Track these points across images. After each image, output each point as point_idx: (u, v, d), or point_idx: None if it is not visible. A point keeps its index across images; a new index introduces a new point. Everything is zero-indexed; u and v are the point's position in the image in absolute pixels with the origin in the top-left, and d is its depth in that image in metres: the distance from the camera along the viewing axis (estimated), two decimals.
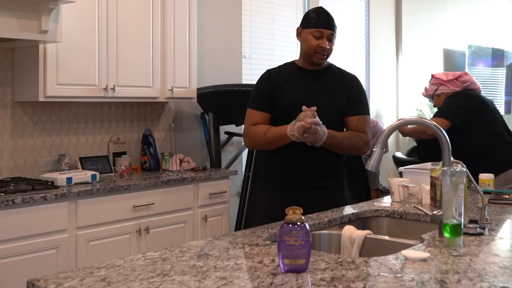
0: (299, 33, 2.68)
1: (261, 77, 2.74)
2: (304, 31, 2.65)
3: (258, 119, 2.64)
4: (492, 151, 3.60)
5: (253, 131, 2.64)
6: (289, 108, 2.58)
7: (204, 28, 4.50)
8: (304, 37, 2.65)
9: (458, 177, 1.76)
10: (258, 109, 2.65)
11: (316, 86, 2.67)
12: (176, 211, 3.63)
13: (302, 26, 2.67)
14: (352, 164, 4.27)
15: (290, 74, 2.68)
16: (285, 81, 2.66)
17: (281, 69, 2.73)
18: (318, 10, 2.67)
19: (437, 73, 3.99)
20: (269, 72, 2.73)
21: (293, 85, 2.65)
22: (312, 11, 2.68)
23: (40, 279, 1.46)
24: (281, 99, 2.63)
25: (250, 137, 2.66)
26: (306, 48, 2.65)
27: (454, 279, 1.46)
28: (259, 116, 2.64)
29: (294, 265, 1.50)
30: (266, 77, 2.71)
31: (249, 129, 2.66)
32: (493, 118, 3.70)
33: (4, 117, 3.43)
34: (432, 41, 7.06)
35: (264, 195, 2.74)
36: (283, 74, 2.69)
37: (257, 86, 2.72)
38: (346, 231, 2.14)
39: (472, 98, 3.72)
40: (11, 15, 2.98)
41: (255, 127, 2.64)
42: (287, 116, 2.56)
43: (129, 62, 3.67)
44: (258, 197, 2.83)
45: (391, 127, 2.04)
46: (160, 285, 1.42)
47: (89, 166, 3.67)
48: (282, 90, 2.64)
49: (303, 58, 2.70)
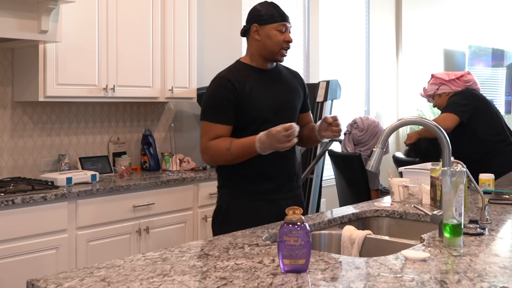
0: (255, 31, 2.44)
1: (220, 86, 2.42)
2: (265, 27, 2.43)
3: (220, 133, 2.38)
4: (496, 151, 3.59)
5: (214, 147, 2.37)
6: (260, 116, 2.41)
7: (204, 28, 4.50)
8: (267, 34, 2.43)
9: (458, 177, 1.76)
10: (220, 122, 2.37)
11: (279, 87, 2.51)
12: (176, 211, 3.63)
13: (261, 22, 2.43)
14: (352, 164, 4.28)
15: (251, 78, 2.45)
16: (249, 88, 2.41)
17: (236, 73, 2.45)
18: (272, 4, 2.49)
19: (437, 73, 3.97)
20: (228, 79, 2.42)
21: (259, 91, 2.44)
22: (266, 6, 2.48)
23: (40, 279, 1.46)
24: (250, 108, 2.40)
25: (212, 153, 2.39)
26: (271, 45, 2.43)
27: (454, 279, 1.45)
28: (221, 129, 2.38)
29: (294, 265, 1.50)
30: (227, 86, 2.40)
31: (209, 144, 2.37)
32: (496, 118, 3.69)
33: (4, 117, 3.43)
34: (432, 41, 7.06)
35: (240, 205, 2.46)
36: (244, 79, 2.43)
37: (217, 96, 2.40)
38: (346, 231, 2.14)
39: (477, 97, 3.71)
40: (11, 15, 2.97)
41: (215, 142, 2.37)
42: (259, 124, 2.38)
43: (129, 62, 3.67)
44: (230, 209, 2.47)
45: (391, 127, 2.04)
46: (160, 285, 1.42)
47: (89, 166, 3.67)
48: (249, 99, 2.40)
49: (262, 57, 2.47)
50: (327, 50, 5.75)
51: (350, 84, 6.00)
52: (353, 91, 6.09)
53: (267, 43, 2.45)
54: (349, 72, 6.05)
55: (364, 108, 6.30)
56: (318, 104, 4.51)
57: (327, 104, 4.52)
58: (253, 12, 2.49)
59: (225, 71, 2.50)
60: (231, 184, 2.48)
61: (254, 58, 2.50)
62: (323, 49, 5.69)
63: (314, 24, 5.56)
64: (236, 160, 2.39)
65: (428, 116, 6.71)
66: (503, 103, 8.23)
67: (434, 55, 7.11)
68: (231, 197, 2.47)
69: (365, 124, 4.48)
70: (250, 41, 2.51)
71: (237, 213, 2.44)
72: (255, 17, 2.46)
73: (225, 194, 2.49)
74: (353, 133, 4.50)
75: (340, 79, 4.95)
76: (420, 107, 6.76)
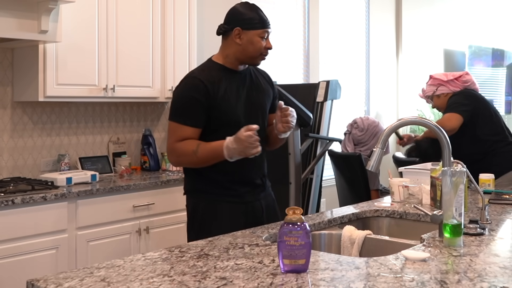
0: (237, 34, 2.36)
1: (190, 87, 2.34)
2: (248, 32, 2.36)
3: (188, 135, 2.32)
4: (495, 151, 3.58)
5: (181, 148, 2.31)
6: (232, 119, 2.36)
7: (204, 28, 4.50)
8: (250, 39, 2.36)
9: (458, 177, 1.76)
10: (189, 125, 2.31)
11: (250, 89, 2.46)
12: (176, 211, 3.62)
13: (244, 27, 2.36)
14: (352, 164, 4.28)
15: (224, 80, 2.39)
16: (223, 90, 2.36)
17: (209, 74, 2.38)
18: (255, 8, 2.41)
19: (435, 73, 3.97)
20: (200, 80, 2.33)
21: (232, 93, 2.39)
22: (249, 10, 2.40)
23: (40, 279, 1.46)
24: (223, 111, 2.35)
25: (178, 155, 2.34)
26: (252, 51, 2.37)
27: (454, 279, 1.45)
28: (189, 131, 2.31)
29: (294, 265, 1.50)
30: (199, 87, 2.32)
31: (176, 146, 2.32)
32: (495, 118, 3.69)
33: (4, 117, 3.42)
34: (432, 41, 7.06)
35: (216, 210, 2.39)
36: (216, 80, 2.36)
37: (186, 97, 2.32)
38: (346, 231, 2.14)
39: (475, 97, 3.71)
40: (11, 15, 2.97)
41: (182, 143, 2.31)
42: (230, 127, 2.31)
43: (129, 62, 3.67)
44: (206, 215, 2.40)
45: (391, 127, 2.04)
46: (160, 285, 1.42)
47: (89, 166, 3.67)
48: (222, 101, 2.35)
49: (239, 60, 2.41)
50: (327, 50, 5.75)
51: (350, 84, 6.00)
52: (353, 91, 6.09)
53: (248, 48, 2.38)
54: (349, 72, 6.05)
55: (364, 108, 6.30)
56: (318, 104, 4.51)
57: (327, 104, 4.52)
58: (235, 14, 2.41)
59: (197, 70, 2.43)
60: (203, 188, 2.41)
61: (228, 60, 2.43)
62: (323, 49, 5.70)
63: (314, 24, 5.56)
64: (203, 164, 2.34)
65: (428, 116, 6.71)
66: (503, 103, 8.23)
67: (434, 55, 7.11)
68: (205, 202, 2.40)
69: (365, 124, 4.48)
70: (228, 43, 2.42)
71: (213, 218, 2.37)
72: (238, 21, 2.38)
73: (197, 198, 2.43)
74: (353, 133, 4.51)
75: (340, 79, 4.94)
76: (420, 107, 6.76)
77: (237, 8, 2.42)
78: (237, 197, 2.41)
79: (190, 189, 2.47)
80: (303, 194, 4.51)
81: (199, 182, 2.42)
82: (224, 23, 2.43)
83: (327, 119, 4.55)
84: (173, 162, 2.45)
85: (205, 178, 2.40)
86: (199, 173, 2.40)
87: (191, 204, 2.46)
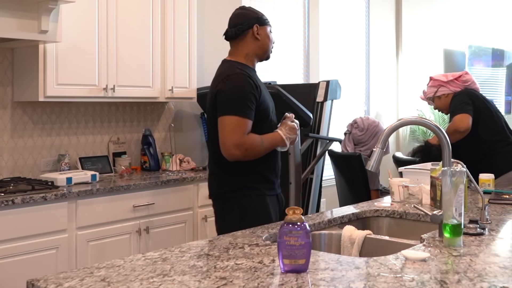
0: (256, 31, 2.56)
1: (248, 84, 2.46)
2: (264, 28, 2.59)
3: (249, 129, 2.43)
4: (495, 151, 3.57)
5: (249, 141, 2.42)
6: (269, 115, 2.55)
7: (204, 28, 4.50)
8: (266, 34, 2.59)
9: (458, 177, 1.76)
10: (250, 118, 2.43)
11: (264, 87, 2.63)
12: (176, 211, 3.63)
13: (260, 23, 2.58)
14: (352, 164, 4.28)
15: (256, 77, 2.58)
16: (261, 87, 2.53)
17: (248, 72, 2.53)
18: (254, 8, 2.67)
19: (435, 75, 3.96)
20: (250, 77, 2.49)
21: (264, 90, 2.57)
22: (256, 10, 2.65)
23: (40, 279, 1.47)
24: (265, 106, 2.52)
25: (247, 148, 2.41)
26: (268, 44, 2.60)
27: (454, 279, 1.45)
28: (250, 125, 2.43)
29: (294, 265, 1.50)
30: (252, 83, 2.47)
31: (244, 139, 2.40)
32: (496, 117, 3.67)
33: (4, 117, 3.43)
34: (432, 41, 7.06)
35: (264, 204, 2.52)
36: (254, 77, 2.54)
37: (247, 93, 2.44)
38: (346, 231, 2.14)
39: (476, 97, 3.69)
40: (11, 15, 2.97)
41: (249, 136, 2.42)
42: (267, 121, 2.53)
43: (129, 62, 3.67)
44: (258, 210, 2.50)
45: (391, 127, 2.04)
46: (160, 285, 1.42)
47: (89, 166, 3.67)
48: (264, 97, 2.52)
49: (258, 56, 2.61)
50: (327, 50, 5.75)
51: (350, 84, 6.01)
52: (353, 91, 6.09)
53: (266, 42, 2.60)
54: (349, 72, 6.05)
55: (364, 108, 6.30)
56: (318, 104, 4.51)
57: (327, 104, 4.51)
58: (249, 13, 2.60)
59: (240, 69, 2.51)
60: (252, 183, 2.51)
61: (249, 58, 2.58)
62: (323, 49, 5.70)
63: (314, 24, 5.56)
64: (262, 155, 2.49)
65: (428, 116, 6.72)
66: (503, 103, 8.24)
67: (434, 55, 7.11)
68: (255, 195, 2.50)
69: (365, 124, 4.48)
70: (245, 42, 2.57)
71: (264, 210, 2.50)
72: (254, 19, 2.57)
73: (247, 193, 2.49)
74: (353, 133, 4.50)
75: (340, 79, 4.95)
76: (420, 107, 6.76)
77: (247, 9, 2.64)
78: (274, 190, 2.59)
79: (238, 186, 2.51)
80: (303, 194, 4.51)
81: (247, 177, 2.51)
82: (236, 25, 2.58)
83: (327, 119, 4.55)
84: (240, 155, 2.43)
85: (253, 173, 2.51)
86: (247, 169, 2.49)
87: (239, 200, 2.50)
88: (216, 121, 2.46)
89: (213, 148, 2.54)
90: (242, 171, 2.49)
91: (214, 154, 2.55)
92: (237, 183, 2.51)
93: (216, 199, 2.58)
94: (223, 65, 2.60)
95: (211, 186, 2.62)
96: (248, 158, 2.46)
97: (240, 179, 2.50)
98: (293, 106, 3.82)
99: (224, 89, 2.45)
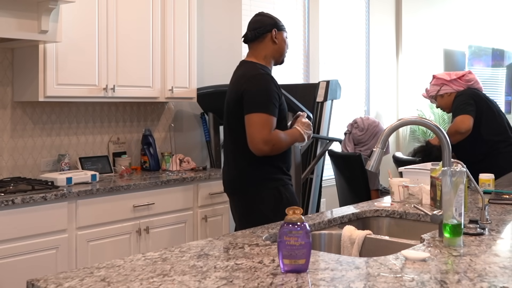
0: (274, 35, 2.76)
1: (273, 84, 2.66)
2: (281, 33, 2.80)
3: (274, 125, 2.62)
4: (497, 151, 3.56)
5: (276, 137, 2.60)
6: (285, 114, 2.76)
7: (204, 28, 4.50)
8: (283, 39, 2.80)
9: (458, 177, 1.76)
10: (275, 116, 2.62)
11: None
12: (176, 211, 3.63)
13: (278, 28, 2.78)
14: (352, 164, 4.28)
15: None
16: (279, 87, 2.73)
17: (270, 73, 2.75)
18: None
19: (438, 73, 3.94)
20: (272, 77, 2.70)
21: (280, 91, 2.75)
22: (275, 16, 2.85)
23: (40, 279, 1.47)
24: (284, 105, 2.73)
25: (274, 143, 2.59)
26: (284, 48, 2.81)
27: (454, 279, 1.45)
28: (275, 122, 2.63)
29: (294, 265, 1.50)
30: (276, 84, 2.68)
31: (272, 135, 2.58)
32: (498, 118, 3.66)
33: (4, 117, 3.43)
34: (432, 41, 7.06)
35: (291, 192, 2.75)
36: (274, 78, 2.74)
37: (273, 92, 2.63)
38: (346, 231, 2.14)
39: (479, 97, 3.68)
40: (11, 15, 2.97)
41: (275, 133, 2.61)
42: (284, 119, 2.73)
43: (129, 62, 3.67)
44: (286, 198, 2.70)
45: (391, 127, 2.04)
46: (160, 285, 1.42)
47: (89, 166, 3.67)
48: (282, 96, 2.72)
49: (275, 59, 2.80)
50: (327, 50, 5.75)
51: (350, 84, 6.01)
52: (353, 91, 6.09)
53: (282, 46, 2.80)
54: (349, 72, 6.05)
55: (364, 108, 6.30)
56: (318, 104, 4.51)
57: (327, 104, 4.52)
58: (269, 19, 2.81)
59: (263, 70, 2.70)
60: (278, 175, 2.71)
61: (268, 60, 2.77)
62: (323, 49, 5.69)
63: (314, 24, 5.56)
64: (284, 150, 2.71)
65: (428, 116, 6.72)
66: (503, 103, 8.23)
67: (434, 55, 7.11)
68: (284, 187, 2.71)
69: (365, 124, 4.48)
70: (264, 44, 2.76)
71: (293, 199, 2.72)
72: (273, 24, 2.78)
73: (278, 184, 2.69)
74: (353, 132, 4.50)
75: (340, 79, 4.95)
76: (420, 107, 6.76)
77: (266, 15, 2.84)
78: (290, 181, 2.79)
79: (264, 178, 2.68)
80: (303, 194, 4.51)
81: (271, 170, 2.69)
82: (256, 28, 2.77)
83: (327, 119, 4.55)
84: (268, 150, 2.60)
85: (274, 167, 2.70)
86: (269, 163, 2.67)
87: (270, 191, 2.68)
88: (242, 119, 2.61)
89: (237, 144, 2.68)
90: (265, 165, 2.66)
91: (238, 150, 2.69)
92: (263, 176, 2.67)
93: (243, 193, 2.72)
94: (244, 65, 2.76)
95: (234, 181, 2.75)
96: (274, 152, 2.64)
97: (265, 172, 2.67)
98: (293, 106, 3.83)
99: (251, 88, 2.61)
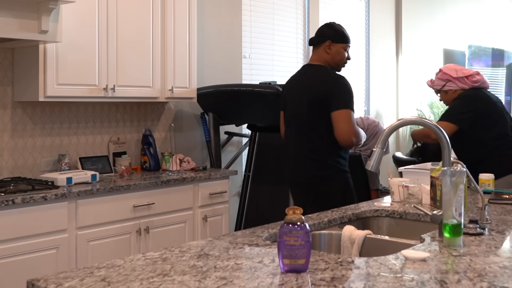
0: (327, 45, 3.07)
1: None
2: (336, 45, 3.08)
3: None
4: (498, 153, 3.53)
5: (358, 130, 3.01)
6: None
7: (204, 28, 4.50)
8: (337, 50, 3.08)
9: (458, 177, 1.76)
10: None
11: None
12: (176, 211, 3.63)
13: (334, 40, 3.06)
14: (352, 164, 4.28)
15: None
16: None
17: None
18: (342, 27, 3.13)
19: (446, 66, 3.80)
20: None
21: None
22: (339, 27, 3.12)
23: (40, 279, 1.47)
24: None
25: (357, 136, 2.99)
26: (338, 60, 3.11)
27: (454, 279, 1.46)
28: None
29: (294, 265, 1.50)
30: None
31: (357, 128, 2.99)
32: (501, 119, 3.59)
33: (4, 117, 3.43)
34: (432, 41, 7.06)
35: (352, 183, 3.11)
36: None
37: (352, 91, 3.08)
38: (346, 231, 2.14)
39: (481, 100, 3.59)
40: (11, 15, 2.97)
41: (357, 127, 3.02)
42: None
43: (129, 62, 3.67)
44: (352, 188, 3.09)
45: (391, 127, 2.04)
46: (160, 285, 1.42)
47: (89, 166, 3.67)
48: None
49: (331, 67, 3.11)
50: None
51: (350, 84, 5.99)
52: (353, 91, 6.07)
53: (336, 57, 3.10)
54: (349, 72, 6.04)
55: (364, 108, 6.30)
56: None
57: None
58: (329, 29, 3.11)
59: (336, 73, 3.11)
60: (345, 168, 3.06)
61: (328, 66, 3.10)
62: None
63: (314, 24, 5.55)
64: None
65: (428, 116, 6.72)
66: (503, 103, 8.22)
67: (434, 55, 7.11)
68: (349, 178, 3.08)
69: (365, 124, 4.48)
70: (320, 51, 3.11)
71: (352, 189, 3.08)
72: (330, 35, 3.08)
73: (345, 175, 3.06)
74: None
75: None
76: (420, 107, 6.76)
77: (329, 26, 3.13)
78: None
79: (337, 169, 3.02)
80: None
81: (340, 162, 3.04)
82: (317, 35, 3.13)
83: None
84: (356, 142, 3.00)
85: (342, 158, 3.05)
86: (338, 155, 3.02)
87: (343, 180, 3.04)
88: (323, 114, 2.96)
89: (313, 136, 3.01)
90: (337, 156, 3.01)
91: (314, 142, 3.01)
92: (336, 166, 3.00)
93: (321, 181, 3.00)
94: (314, 68, 3.10)
95: (309, 170, 3.03)
96: (356, 144, 3.02)
97: (338, 163, 3.01)
98: None
99: (337, 88, 3.00)
